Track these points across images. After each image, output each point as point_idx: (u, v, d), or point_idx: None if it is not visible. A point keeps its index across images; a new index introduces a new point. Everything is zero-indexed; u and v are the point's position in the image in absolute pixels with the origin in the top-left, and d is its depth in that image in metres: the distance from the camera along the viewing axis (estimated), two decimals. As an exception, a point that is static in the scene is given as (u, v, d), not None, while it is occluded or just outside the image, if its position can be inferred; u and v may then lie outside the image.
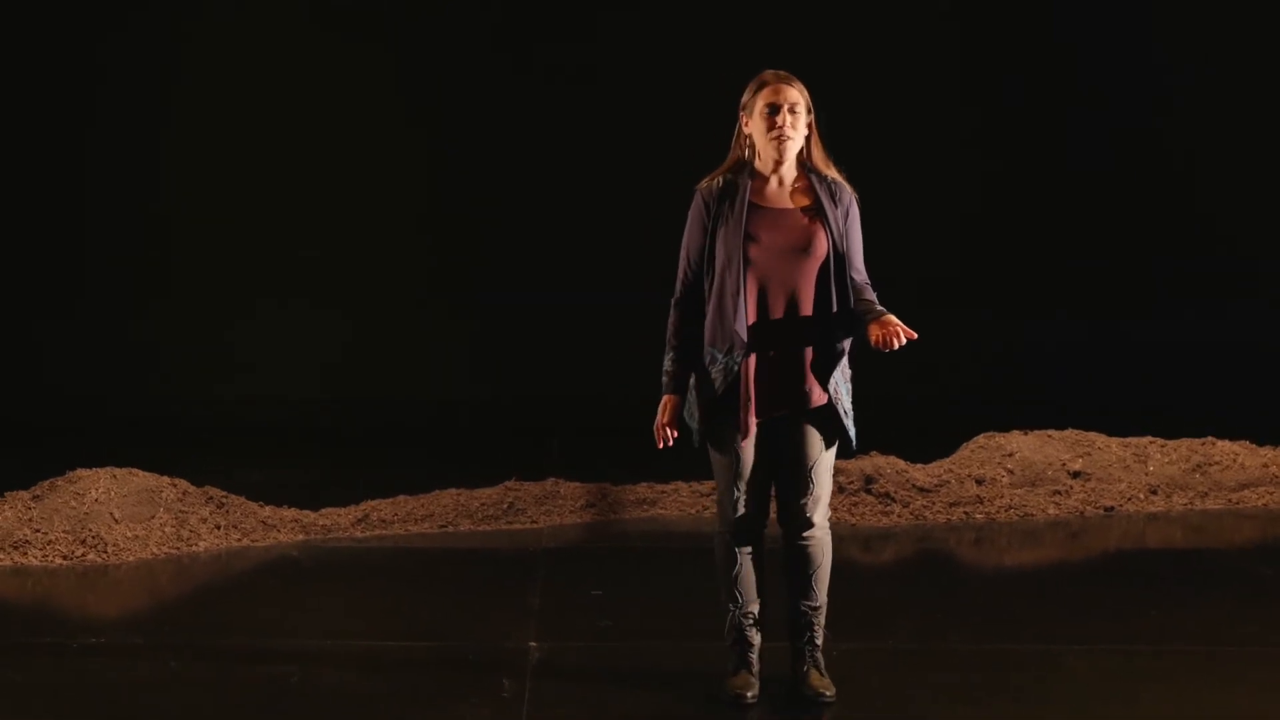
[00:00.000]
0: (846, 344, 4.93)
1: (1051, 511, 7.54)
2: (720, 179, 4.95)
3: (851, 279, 4.91)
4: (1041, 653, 5.57)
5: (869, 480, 7.54)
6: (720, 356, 4.88)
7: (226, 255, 9.85)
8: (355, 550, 7.01)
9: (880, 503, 7.49)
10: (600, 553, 7.04)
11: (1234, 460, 7.85)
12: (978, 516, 7.49)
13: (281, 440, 8.98)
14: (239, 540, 6.99)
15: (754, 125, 4.90)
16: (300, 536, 7.10)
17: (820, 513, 4.99)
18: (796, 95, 4.88)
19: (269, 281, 9.85)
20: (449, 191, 9.89)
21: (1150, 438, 7.94)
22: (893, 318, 4.79)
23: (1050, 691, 5.19)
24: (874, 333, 4.77)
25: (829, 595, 5.06)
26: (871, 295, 4.95)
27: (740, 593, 5.02)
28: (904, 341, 4.73)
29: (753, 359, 4.86)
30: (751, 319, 4.85)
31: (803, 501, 4.95)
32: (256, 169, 9.79)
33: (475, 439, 9.14)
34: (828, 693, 4.99)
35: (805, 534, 4.98)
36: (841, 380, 4.93)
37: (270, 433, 9.11)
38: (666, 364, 5.00)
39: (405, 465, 8.26)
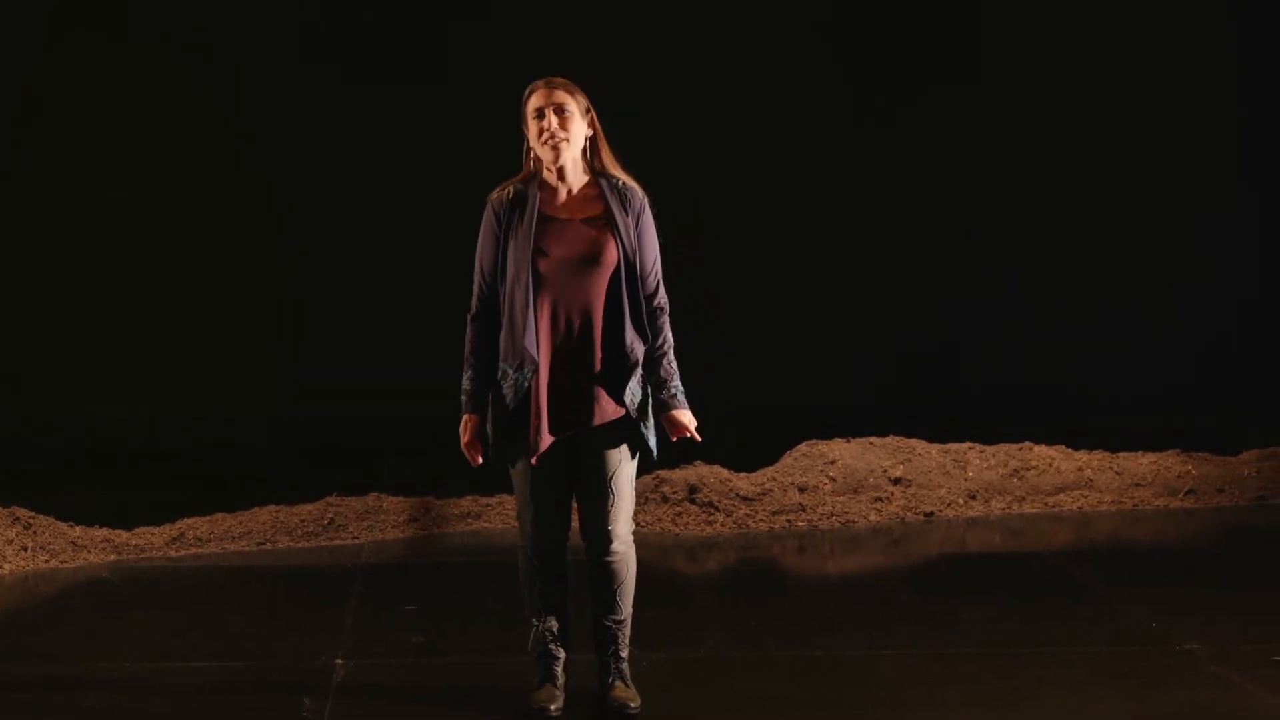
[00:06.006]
0: (641, 353, 4.87)
1: (873, 518, 7.59)
2: (511, 189, 4.89)
3: (643, 285, 4.87)
4: (855, 658, 5.58)
5: (693, 490, 7.54)
6: (511, 372, 4.81)
7: (39, 270, 9.59)
8: (169, 570, 6.84)
9: (704, 512, 7.49)
10: (420, 568, 6.95)
11: (1050, 465, 7.97)
12: (800, 524, 7.51)
13: (95, 459, 8.75)
14: (47, 562, 6.80)
15: (529, 133, 4.86)
16: (112, 557, 6.92)
17: (623, 525, 4.93)
18: (564, 97, 4.81)
19: (80, 297, 9.61)
20: (276, 209, 9.71)
21: (970, 443, 8.04)
22: (681, 418, 4.87)
23: (861, 696, 5.20)
24: (671, 433, 4.95)
25: (634, 606, 5.02)
26: (664, 319, 4.92)
27: (542, 607, 4.97)
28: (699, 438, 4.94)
29: (544, 374, 4.78)
30: (542, 333, 4.78)
31: (604, 514, 4.89)
32: (73, 186, 9.55)
33: (296, 456, 8.97)
34: (633, 704, 4.96)
35: (609, 550, 4.92)
36: (637, 390, 4.88)
37: (83, 452, 8.88)
38: (465, 382, 4.91)
39: (223, 483, 8.09)
